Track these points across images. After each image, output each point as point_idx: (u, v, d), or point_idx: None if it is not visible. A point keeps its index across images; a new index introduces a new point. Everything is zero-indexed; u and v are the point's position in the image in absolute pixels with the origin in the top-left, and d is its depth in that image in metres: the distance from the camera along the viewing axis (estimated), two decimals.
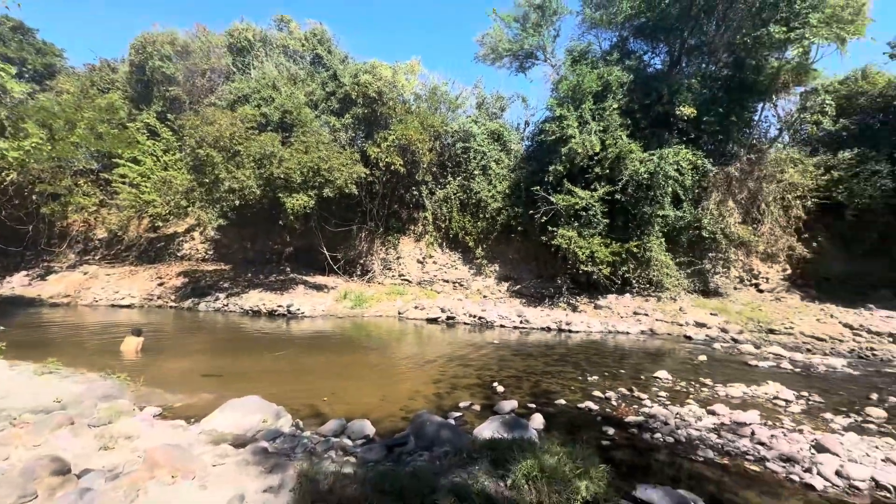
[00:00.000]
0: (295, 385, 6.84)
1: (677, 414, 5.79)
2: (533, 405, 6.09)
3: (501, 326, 13.37)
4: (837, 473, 4.19)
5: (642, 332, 12.77)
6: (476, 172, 17.95)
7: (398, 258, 18.36)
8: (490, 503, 2.99)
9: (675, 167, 14.44)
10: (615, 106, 15.28)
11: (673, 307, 14.04)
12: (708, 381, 7.50)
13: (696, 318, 13.12)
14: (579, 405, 6.13)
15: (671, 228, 15.31)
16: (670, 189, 14.56)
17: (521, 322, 13.51)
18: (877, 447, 4.77)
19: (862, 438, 5.09)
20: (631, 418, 5.60)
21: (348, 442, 4.61)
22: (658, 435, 5.10)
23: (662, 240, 15.10)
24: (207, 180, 14.66)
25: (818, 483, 4.08)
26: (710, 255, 15.59)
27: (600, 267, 14.46)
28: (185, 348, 9.44)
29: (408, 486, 3.08)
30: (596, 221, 14.79)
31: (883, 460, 4.44)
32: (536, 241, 16.49)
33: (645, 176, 14.39)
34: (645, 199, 14.73)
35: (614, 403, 6.28)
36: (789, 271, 15.39)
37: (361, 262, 18.91)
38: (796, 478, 4.20)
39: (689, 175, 14.78)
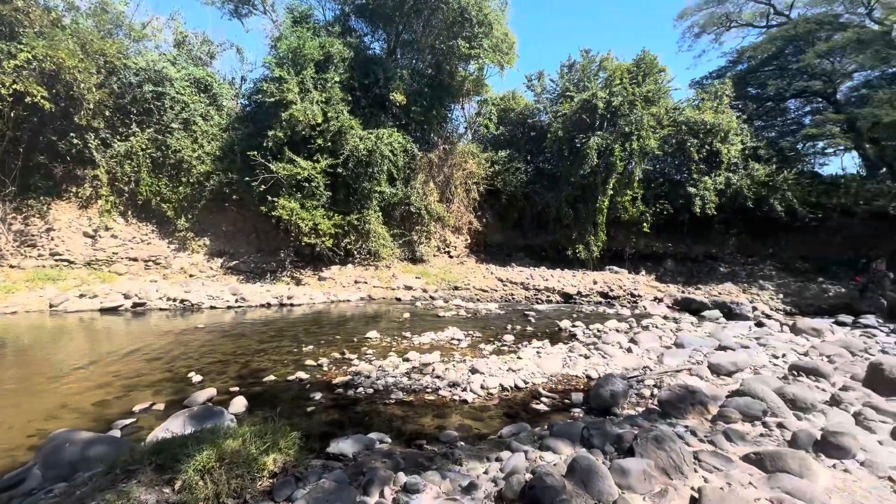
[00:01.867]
0: None
1: (380, 367, 6.48)
2: (236, 388, 5.55)
3: (212, 308, 11.72)
4: (481, 386, 5.62)
5: (362, 299, 13.79)
6: (175, 126, 14.75)
7: (48, 230, 13.20)
8: None
9: (390, 148, 15.97)
10: (337, 79, 15.44)
11: (388, 274, 15.77)
12: (408, 334, 8.76)
13: (405, 283, 15.19)
14: (289, 378, 6.00)
15: (387, 204, 17.00)
16: (386, 167, 16.03)
17: (236, 301, 12.21)
18: (505, 362, 6.68)
19: (499, 357, 7.04)
20: (339, 379, 5.89)
21: None
22: (361, 389, 5.56)
23: (380, 213, 16.59)
24: None
25: (470, 397, 5.36)
26: (416, 227, 18.23)
27: (323, 239, 14.64)
28: None
29: None
30: (319, 193, 14.77)
31: (507, 370, 6.26)
32: (256, 212, 15.14)
33: (364, 153, 15.29)
34: (365, 175, 15.71)
35: (325, 369, 6.46)
36: (469, 241, 19.82)
37: None
38: (457, 397, 5.39)
39: (402, 157, 16.66)
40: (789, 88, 22.00)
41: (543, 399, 5.36)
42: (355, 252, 16.21)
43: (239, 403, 4.91)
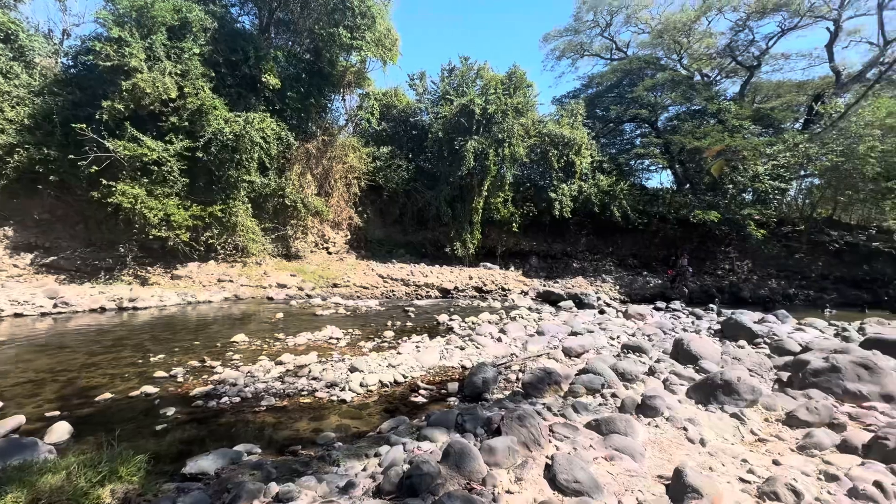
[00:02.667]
0: None
1: (248, 372, 5.96)
2: (56, 413, 4.56)
3: (18, 316, 9.36)
4: (361, 384, 5.58)
5: (226, 299, 12.46)
6: None
7: None
8: None
9: (262, 134, 14.67)
10: (196, 51, 13.60)
11: (258, 271, 14.51)
12: (281, 336, 8.21)
13: (279, 280, 14.16)
14: (132, 394, 5.15)
15: (258, 195, 15.61)
16: (256, 155, 14.69)
17: (55, 306, 9.95)
18: (385, 358, 6.72)
19: (379, 354, 7.05)
20: (198, 390, 5.25)
21: None
22: (225, 399, 5.04)
23: (249, 205, 15.15)
24: None
25: (349, 396, 5.27)
26: (292, 221, 17.10)
27: (178, 232, 12.81)
28: None
29: None
30: (173, 180, 12.86)
31: (387, 366, 6.31)
32: (84, 198, 12.53)
33: (230, 137, 13.77)
34: (231, 162, 14.17)
35: (181, 380, 5.70)
36: (349, 236, 19.32)
37: None
38: (336, 397, 5.25)
39: (275, 144, 15.44)
40: (626, 114, 26.27)
41: (422, 391, 5.55)
42: (219, 247, 14.54)
43: (60, 430, 4.04)
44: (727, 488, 2.99)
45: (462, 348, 7.56)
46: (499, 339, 8.21)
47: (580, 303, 14.61)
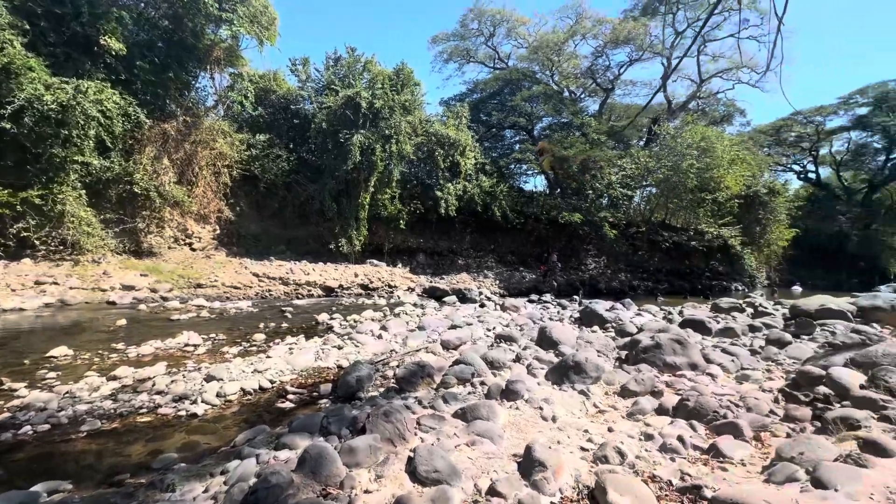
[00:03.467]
0: None
1: (66, 393, 4.90)
2: None
3: None
4: (218, 394, 4.98)
5: (47, 306, 10.17)
6: None
7: None
8: None
9: (100, 107, 12.30)
10: None
11: (95, 271, 12.15)
12: (121, 346, 6.96)
13: (124, 281, 12.04)
14: None
15: (96, 180, 13.06)
16: (93, 132, 12.27)
17: None
18: (251, 363, 6.12)
19: (244, 359, 6.39)
20: None
21: None
22: (28, 428, 4.05)
23: (83, 192, 12.60)
24: None
25: (201, 409, 4.66)
26: (143, 213, 14.68)
27: None
28: None
29: None
30: None
31: (252, 372, 5.75)
32: None
33: (54, 107, 11.27)
34: (55, 139, 11.60)
35: None
36: (218, 231, 17.33)
37: None
38: (185, 412, 4.59)
39: (119, 122, 13.08)
40: (506, 120, 28.25)
41: (290, 396, 5.17)
42: (37, 242, 11.80)
43: None
44: (569, 458, 3.31)
45: (340, 347, 7.27)
46: (379, 337, 8.10)
47: (463, 297, 15.25)
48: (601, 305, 11.09)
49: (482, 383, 5.03)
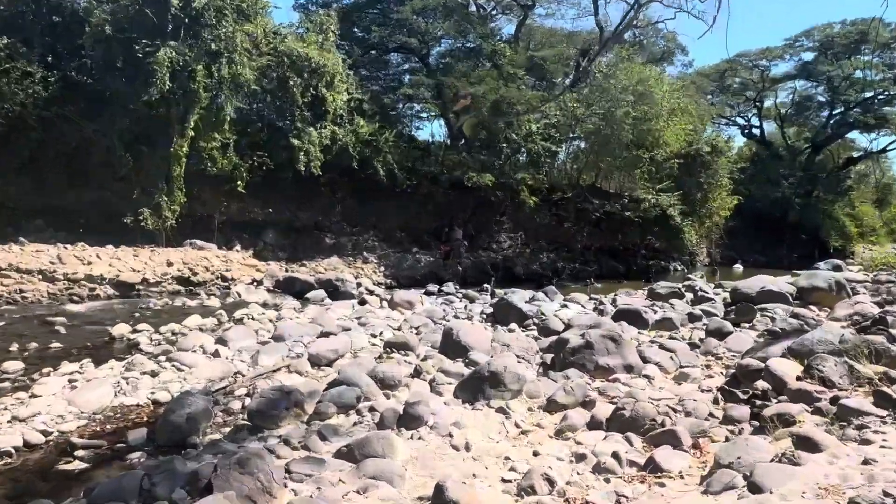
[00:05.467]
0: None
1: None
2: None
3: None
4: None
5: None
6: None
7: None
8: None
9: None
10: None
11: None
12: None
13: None
14: None
15: None
16: None
17: None
18: (3, 408, 5.53)
19: None
20: None
21: None
22: None
23: None
24: None
25: None
26: None
27: None
28: None
29: None
30: None
31: (7, 422, 5.22)
32: None
33: None
34: None
35: None
36: None
37: None
38: None
39: None
40: (391, 40, 28.15)
41: (80, 452, 4.85)
42: None
43: None
44: (489, 494, 3.72)
45: (154, 374, 6.93)
46: (215, 354, 7.88)
47: (335, 291, 15.26)
48: (519, 296, 12.04)
49: (372, 409, 5.26)
